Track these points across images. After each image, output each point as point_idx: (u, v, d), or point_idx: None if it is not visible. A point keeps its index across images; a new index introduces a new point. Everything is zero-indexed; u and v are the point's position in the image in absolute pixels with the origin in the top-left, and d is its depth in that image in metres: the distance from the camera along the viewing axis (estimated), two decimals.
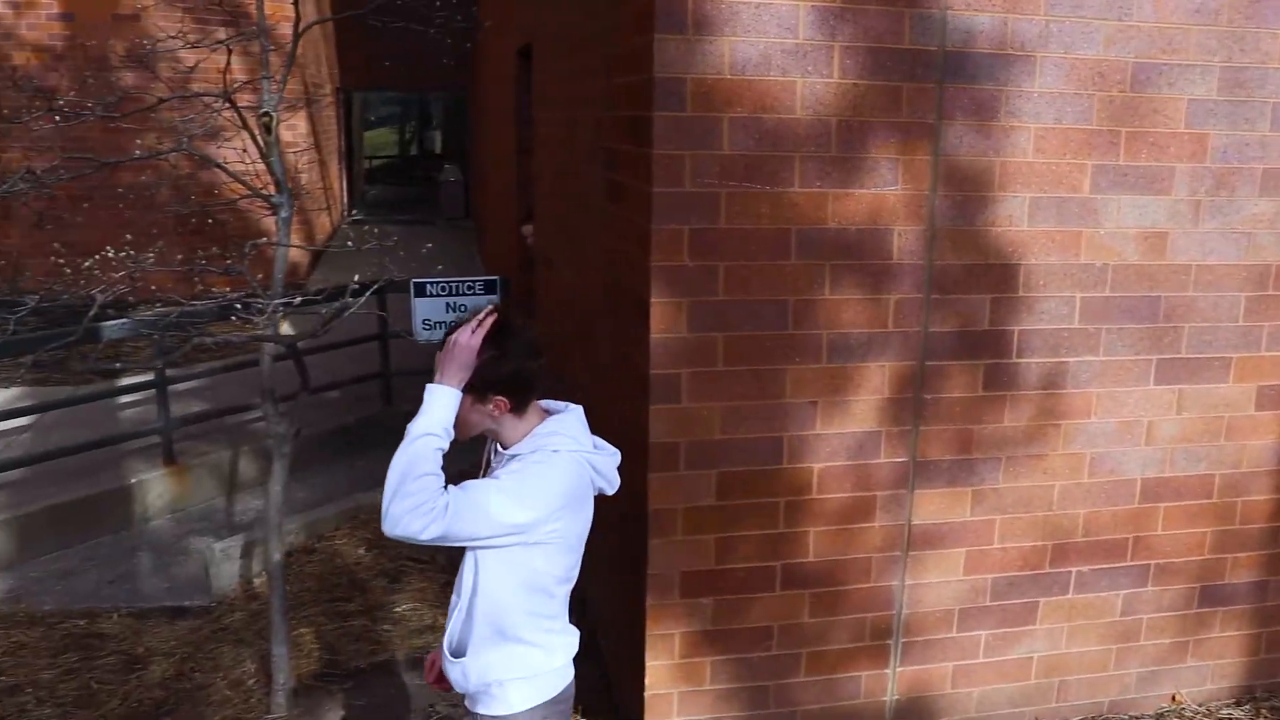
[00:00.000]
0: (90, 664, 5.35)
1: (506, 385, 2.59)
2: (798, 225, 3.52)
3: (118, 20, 12.00)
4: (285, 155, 5.74)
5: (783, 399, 3.66)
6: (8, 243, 12.26)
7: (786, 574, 3.88)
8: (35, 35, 11.98)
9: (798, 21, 3.37)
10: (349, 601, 5.65)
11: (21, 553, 6.35)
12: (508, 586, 2.61)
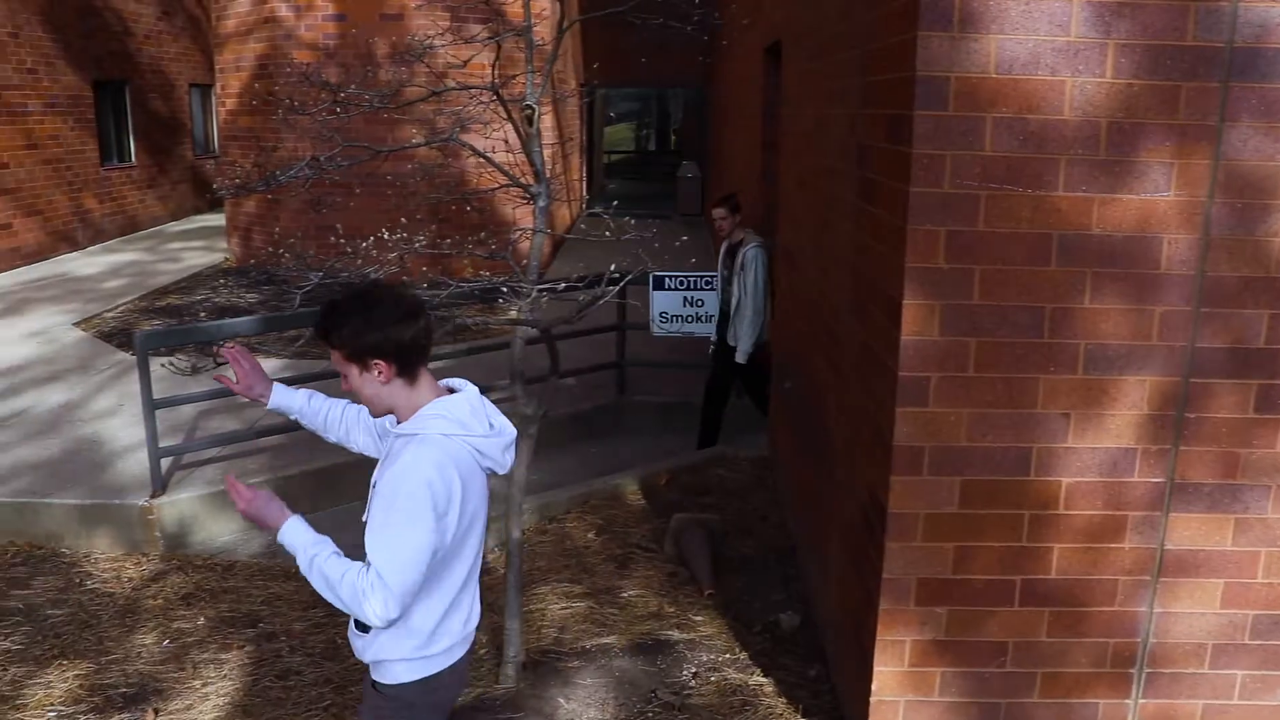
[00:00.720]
0: (335, 620, 5.69)
1: (380, 350, 2.64)
2: (1059, 230, 3.40)
3: (384, 20, 12.68)
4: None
5: (1034, 409, 3.54)
6: (277, 225, 13.17)
7: (1026, 589, 3.75)
8: (311, 35, 12.81)
9: (1070, 18, 3.25)
10: (577, 583, 5.80)
11: None
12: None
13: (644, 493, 6.91)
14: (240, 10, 13.54)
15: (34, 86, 15.49)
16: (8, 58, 14.90)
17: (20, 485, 6.68)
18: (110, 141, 17.87)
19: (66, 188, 16.40)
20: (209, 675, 5.17)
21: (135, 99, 18.63)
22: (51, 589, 6.00)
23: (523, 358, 4.16)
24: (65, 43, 16.26)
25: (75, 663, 5.27)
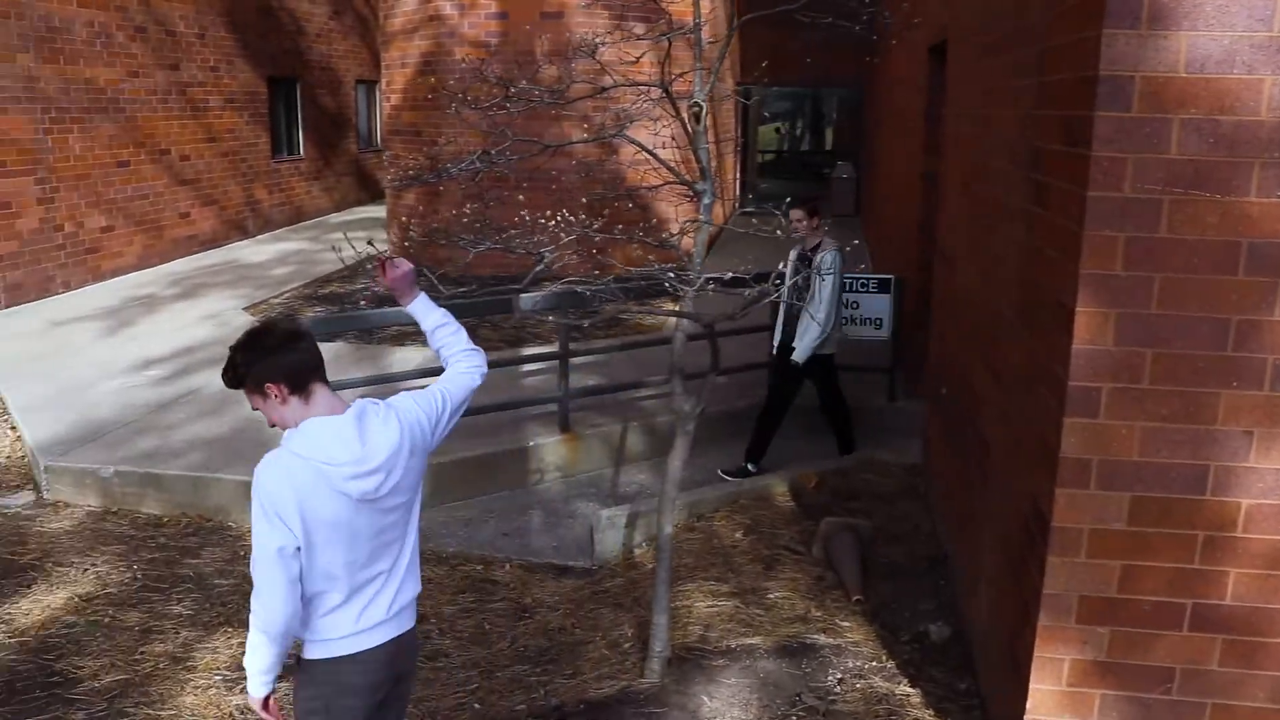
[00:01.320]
0: (484, 606, 5.81)
1: (270, 374, 2.94)
2: (1249, 238, 3.23)
3: (544, 18, 12.87)
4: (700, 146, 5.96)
5: (1213, 425, 3.37)
6: (436, 218, 13.51)
7: (1197, 614, 3.58)
8: (474, 32, 13.09)
9: (1273, 13, 3.08)
10: (723, 582, 5.79)
11: (433, 498, 6.98)
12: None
13: (792, 494, 6.86)
14: (407, 9, 13.93)
15: (215, 84, 16.25)
16: (193, 57, 15.66)
17: (193, 460, 7.01)
18: (281, 135, 18.63)
19: (240, 179, 17.15)
20: None
21: (305, 95, 19.37)
22: (219, 560, 6.28)
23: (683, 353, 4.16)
24: (244, 42, 17.01)
25: (239, 631, 5.50)
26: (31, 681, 5.05)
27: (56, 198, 12.98)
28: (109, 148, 13.90)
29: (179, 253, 15.54)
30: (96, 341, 10.44)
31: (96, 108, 13.64)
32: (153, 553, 6.35)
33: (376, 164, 22.39)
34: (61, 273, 13.13)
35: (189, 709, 4.85)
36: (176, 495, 6.80)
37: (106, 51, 13.78)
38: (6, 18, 12.14)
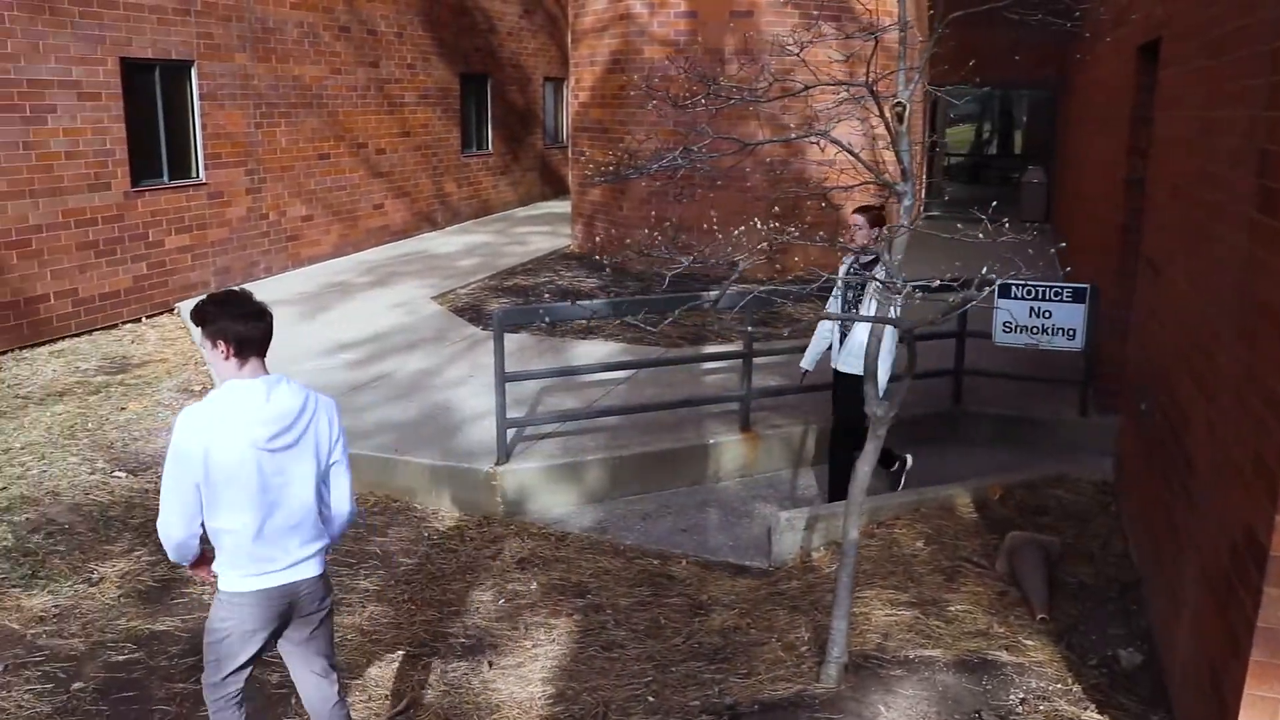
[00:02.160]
0: (660, 600, 5.84)
1: (224, 334, 3.54)
2: None
3: (734, 17, 12.86)
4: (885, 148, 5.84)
5: None
6: (620, 214, 13.66)
7: None
8: (664, 31, 13.18)
9: None
10: (902, 591, 5.67)
11: (612, 490, 7.07)
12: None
13: (976, 506, 6.66)
14: (597, 8, 14.13)
15: (411, 80, 16.84)
16: (392, 55, 16.27)
17: (383, 441, 7.27)
18: (471, 131, 19.17)
19: (431, 172, 17.73)
20: (539, 637, 5.43)
21: (495, 92, 19.88)
22: (404, 539, 6.50)
23: (876, 356, 4.09)
24: (439, 40, 17.57)
25: (422, 608, 5.68)
26: None
27: (263, 188, 13.67)
28: (311, 141, 14.56)
29: (371, 242, 16.16)
30: (295, 324, 10.95)
31: (302, 103, 14.30)
32: None
33: (561, 160, 22.80)
34: (265, 258, 13.82)
35: (373, 680, 5.04)
36: (366, 475, 7.06)
37: (313, 50, 14.44)
38: (228, 20, 12.84)
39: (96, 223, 11.27)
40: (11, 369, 9.84)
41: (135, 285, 11.81)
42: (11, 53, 10.26)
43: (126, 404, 8.74)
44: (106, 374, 9.66)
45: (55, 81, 10.71)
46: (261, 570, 3.67)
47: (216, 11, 12.67)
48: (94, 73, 11.12)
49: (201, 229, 12.70)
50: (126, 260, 11.67)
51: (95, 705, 4.82)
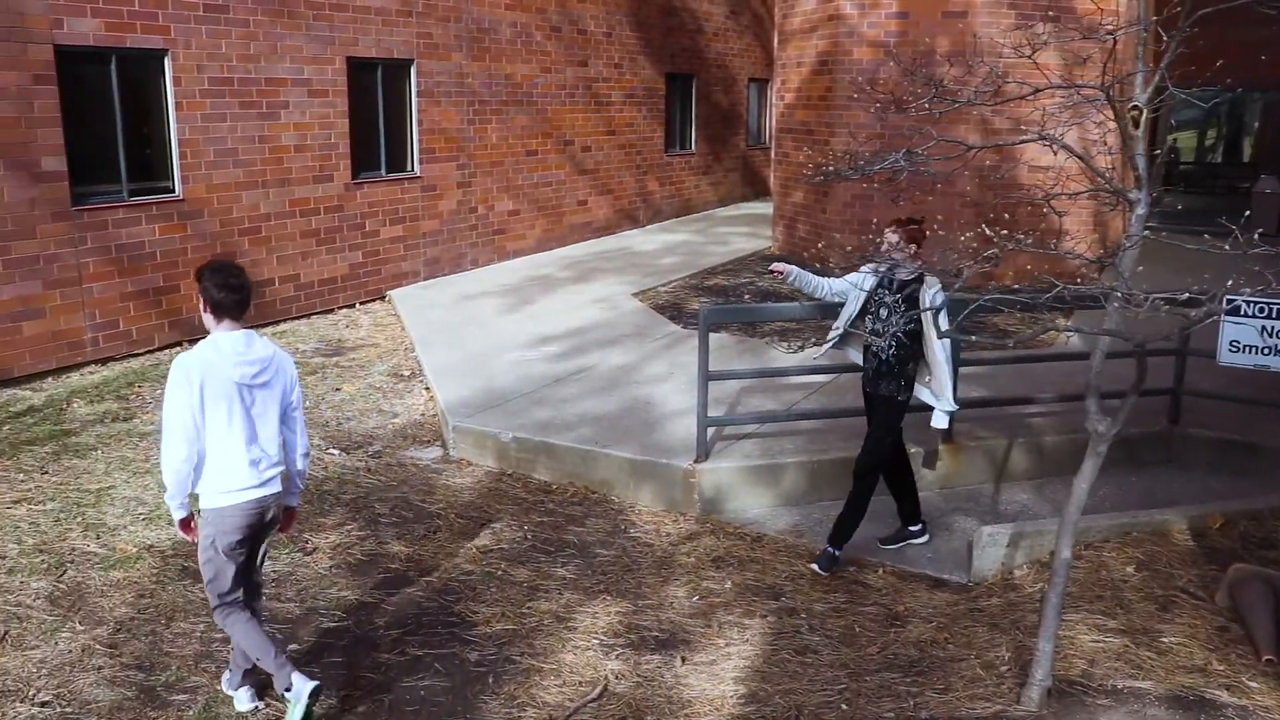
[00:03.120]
0: (855, 608, 5.75)
1: (204, 296, 4.43)
2: None
3: (946, 18, 12.55)
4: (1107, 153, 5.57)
5: None
6: (823, 216, 13.54)
7: None
8: (874, 32, 12.98)
9: None
10: (1111, 617, 5.42)
11: (809, 494, 7.00)
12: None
13: (1193, 534, 6.31)
14: (806, 8, 14.03)
15: (618, 80, 17.10)
16: (600, 54, 16.56)
17: (584, 433, 7.40)
18: (675, 130, 19.32)
19: (635, 170, 17.96)
20: (732, 636, 5.43)
21: (700, 92, 19.97)
22: (601, 531, 6.60)
23: (1100, 371, 3.92)
24: (647, 40, 17.78)
25: (617, 600, 5.76)
26: (435, 619, 5.52)
27: (473, 182, 14.13)
28: (521, 138, 14.95)
29: (574, 238, 16.49)
30: (499, 316, 11.27)
31: (513, 101, 14.71)
32: (542, 516, 6.76)
33: (763, 161, 22.74)
34: (472, 251, 14.28)
35: (568, 666, 5.13)
36: (566, 465, 7.21)
37: (525, 49, 14.83)
38: (447, 21, 13.32)
39: (319, 212, 11.87)
40: None
41: (351, 272, 12.39)
42: (253, 54, 10.90)
43: (341, 385, 9.17)
44: (323, 356, 10.17)
45: (289, 80, 11.33)
46: (241, 485, 4.47)
47: (436, 13, 13.16)
48: (323, 71, 11.71)
49: (414, 220, 13.21)
50: (344, 249, 12.25)
51: (308, 667, 5.07)
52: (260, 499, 4.55)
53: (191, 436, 4.33)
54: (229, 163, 10.80)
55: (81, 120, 9.55)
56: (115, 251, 9.78)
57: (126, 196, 9.97)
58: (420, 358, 9.66)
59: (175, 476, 4.37)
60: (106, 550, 6.12)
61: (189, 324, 10.53)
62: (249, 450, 4.47)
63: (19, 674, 4.93)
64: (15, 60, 8.91)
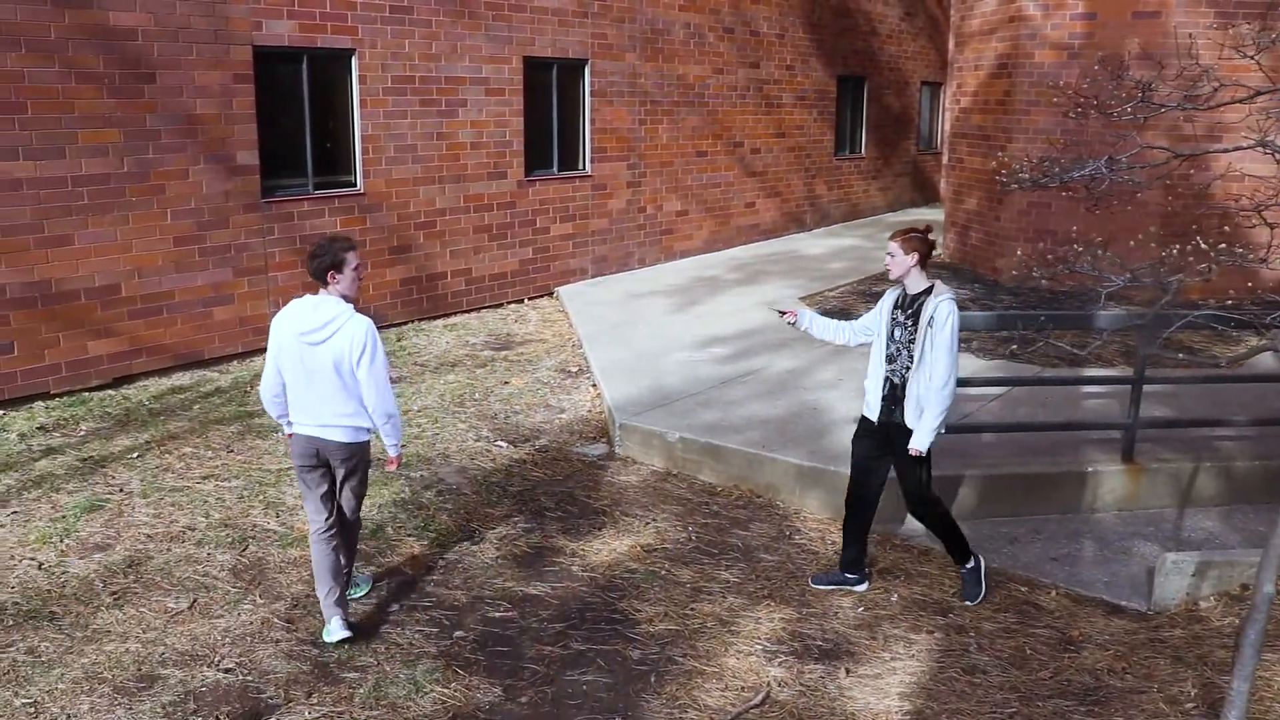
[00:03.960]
0: (1026, 629, 5.55)
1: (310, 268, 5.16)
2: None
3: (1136, 18, 12.03)
4: None
5: None
6: (998, 224, 13.15)
7: None
8: (1058, 34, 12.53)
9: None
10: None
11: (978, 509, 6.80)
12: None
13: None
14: (986, 9, 13.65)
15: (789, 82, 16.98)
16: (772, 56, 16.47)
17: (751, 437, 7.36)
18: (845, 133, 19.08)
19: (803, 173, 17.81)
20: (897, 650, 5.31)
21: (871, 95, 19.68)
22: (765, 535, 6.55)
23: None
24: (819, 41, 17.61)
25: (781, 606, 5.69)
26: (599, 614, 5.56)
27: (643, 182, 14.22)
28: (691, 139, 14.99)
29: (740, 240, 16.45)
30: (666, 315, 11.31)
31: (684, 101, 14.75)
32: (706, 518, 6.75)
33: (933, 166, 22.27)
34: (639, 250, 14.38)
35: (730, 670, 5.10)
36: (732, 468, 7.18)
37: (698, 50, 14.85)
38: (622, 21, 13.45)
39: (492, 209, 12.13)
40: (411, 338, 10.78)
41: (521, 268, 12.62)
42: (435, 53, 11.21)
43: (510, 379, 9.35)
44: (492, 349, 10.38)
45: (468, 79, 11.61)
46: (299, 421, 5.19)
47: (611, 14, 13.29)
48: (500, 70, 11.96)
49: (584, 218, 13.38)
50: (515, 245, 12.49)
51: (474, 654, 5.17)
52: (310, 438, 5.17)
53: (274, 377, 5.15)
54: (408, 158, 11.13)
55: (273, 117, 9.98)
56: (299, 242, 10.19)
57: (311, 190, 10.38)
58: (587, 354, 9.77)
59: (268, 405, 5.28)
60: (285, 529, 6.37)
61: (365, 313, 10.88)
62: (307, 395, 5.11)
63: (206, 640, 5.18)
64: (219, 61, 9.37)
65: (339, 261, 5.09)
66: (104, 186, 8.73)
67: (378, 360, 5.12)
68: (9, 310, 8.29)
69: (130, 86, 8.80)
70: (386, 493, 6.91)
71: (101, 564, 5.89)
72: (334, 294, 5.11)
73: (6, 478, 7.02)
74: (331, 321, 5.02)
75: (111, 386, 8.95)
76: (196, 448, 7.59)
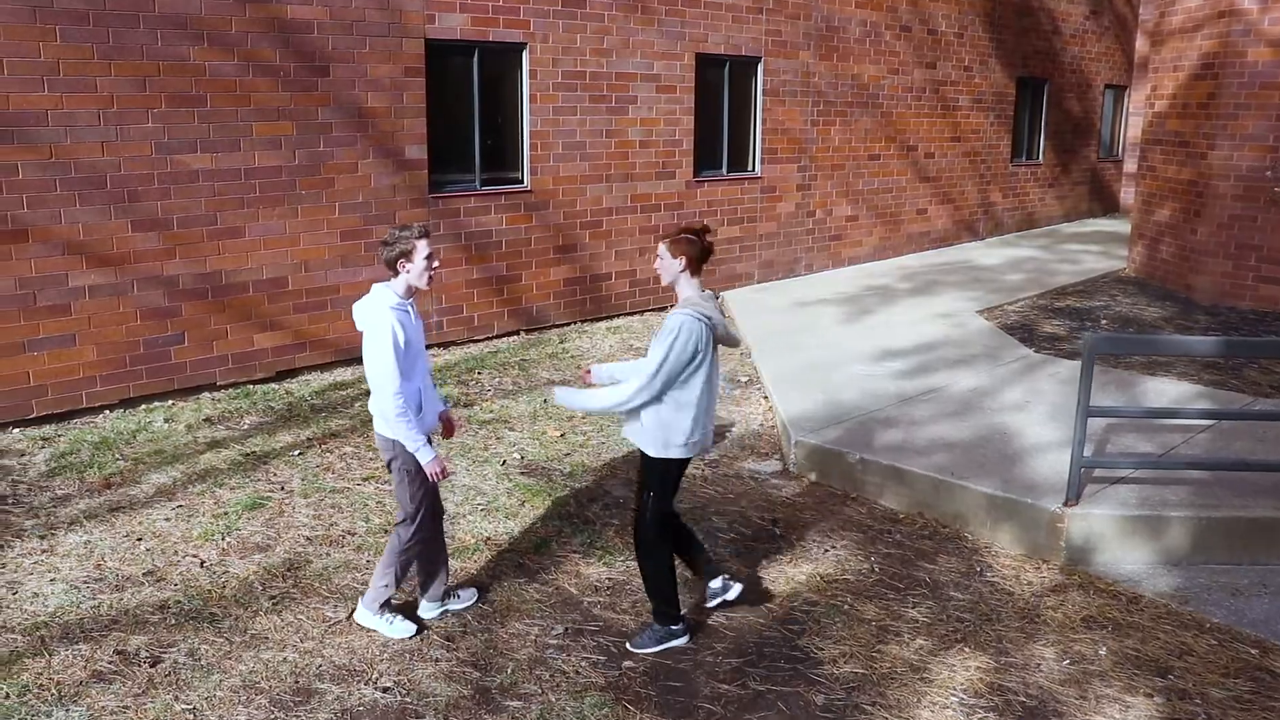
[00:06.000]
0: (1264, 700, 4.92)
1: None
2: None
3: None
4: None
5: None
6: (1190, 239, 12.21)
7: None
8: (1276, 30, 11.56)
9: None
10: None
11: (1193, 554, 6.15)
12: None
13: None
14: (1190, 4, 12.70)
15: (966, 83, 16.22)
16: (950, 56, 15.75)
17: (936, 461, 6.83)
18: (1022, 138, 18.17)
19: (977, 180, 17.01)
20: (1111, 714, 4.75)
21: (1052, 98, 18.71)
22: (954, 571, 6.02)
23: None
24: (999, 41, 16.78)
25: (976, 653, 5.18)
26: (777, 651, 5.14)
27: (813, 185, 13.72)
28: (863, 141, 14.41)
29: (910, 248, 15.78)
30: (837, 325, 10.81)
31: (858, 102, 14.19)
32: (889, 548, 6.26)
33: (1114, 175, 21.13)
34: (807, 255, 13.88)
35: None
36: (916, 494, 6.67)
37: (874, 49, 14.27)
38: (796, 18, 12.97)
39: (659, 209, 11.81)
40: (574, 340, 10.53)
41: None
42: (606, 48, 10.94)
43: None
44: None
45: (638, 75, 11.32)
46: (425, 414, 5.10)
47: (786, 10, 12.83)
48: (672, 67, 11.63)
49: (751, 221, 12.96)
50: None
51: (644, 689, 4.81)
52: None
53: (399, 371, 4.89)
54: (576, 156, 10.89)
55: (442, 111, 9.85)
56: (464, 239, 10.04)
57: (478, 186, 10.22)
58: (757, 364, 9.35)
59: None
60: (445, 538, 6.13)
61: (528, 313, 10.70)
62: (424, 388, 5.05)
63: (364, 654, 4.95)
64: (392, 54, 9.27)
65: (409, 250, 4.84)
66: (275, 179, 8.71)
67: (380, 345, 4.72)
68: (181, 301, 8.33)
69: (304, 79, 8.76)
70: (551, 504, 6.62)
71: (261, 565, 5.75)
72: (401, 284, 4.89)
73: (173, 470, 6.99)
74: (365, 312, 4.83)
75: (274, 380, 8.93)
76: (357, 447, 7.45)
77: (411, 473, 4.96)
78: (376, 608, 5.14)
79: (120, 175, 7.89)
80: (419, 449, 4.86)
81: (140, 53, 7.87)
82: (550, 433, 7.86)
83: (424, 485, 5.02)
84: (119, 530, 6.14)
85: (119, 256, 7.97)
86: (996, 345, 9.92)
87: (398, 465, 4.98)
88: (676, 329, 4.78)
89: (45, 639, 5.00)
